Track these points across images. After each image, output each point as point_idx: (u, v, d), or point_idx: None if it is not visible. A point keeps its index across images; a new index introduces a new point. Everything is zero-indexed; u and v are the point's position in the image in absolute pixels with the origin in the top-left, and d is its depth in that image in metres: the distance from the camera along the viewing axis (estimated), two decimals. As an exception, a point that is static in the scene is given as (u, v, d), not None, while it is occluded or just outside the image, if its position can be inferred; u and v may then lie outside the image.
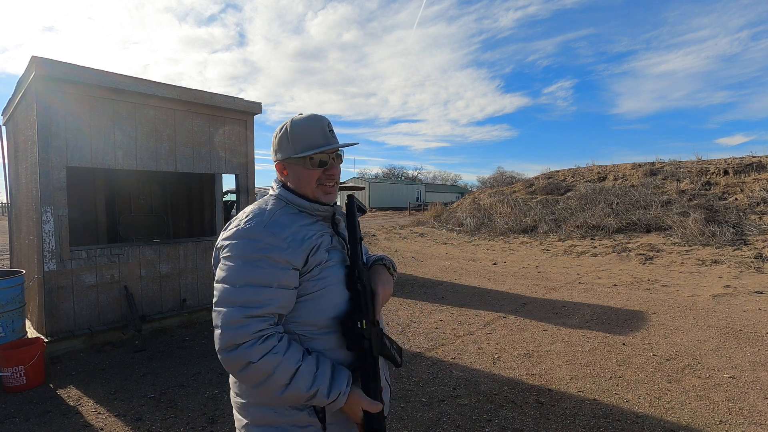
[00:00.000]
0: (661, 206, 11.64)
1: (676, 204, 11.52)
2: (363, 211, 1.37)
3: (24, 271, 4.22)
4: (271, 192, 1.28)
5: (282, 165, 1.25)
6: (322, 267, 1.14)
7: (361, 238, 1.27)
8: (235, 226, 1.13)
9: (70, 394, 3.34)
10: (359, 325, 1.12)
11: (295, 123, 1.22)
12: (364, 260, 1.29)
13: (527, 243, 11.96)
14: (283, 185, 1.26)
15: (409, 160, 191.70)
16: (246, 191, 5.68)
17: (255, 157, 5.84)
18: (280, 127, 1.25)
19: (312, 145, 1.18)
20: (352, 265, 1.20)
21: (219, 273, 1.11)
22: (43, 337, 4.03)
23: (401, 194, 49.69)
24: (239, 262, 1.07)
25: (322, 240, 1.17)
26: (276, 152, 1.26)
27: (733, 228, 9.65)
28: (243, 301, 1.05)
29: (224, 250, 1.12)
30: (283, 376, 1.04)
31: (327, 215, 1.22)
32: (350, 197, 1.28)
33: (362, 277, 1.18)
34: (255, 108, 5.65)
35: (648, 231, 10.77)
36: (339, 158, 1.25)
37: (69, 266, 4.25)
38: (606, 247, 10.17)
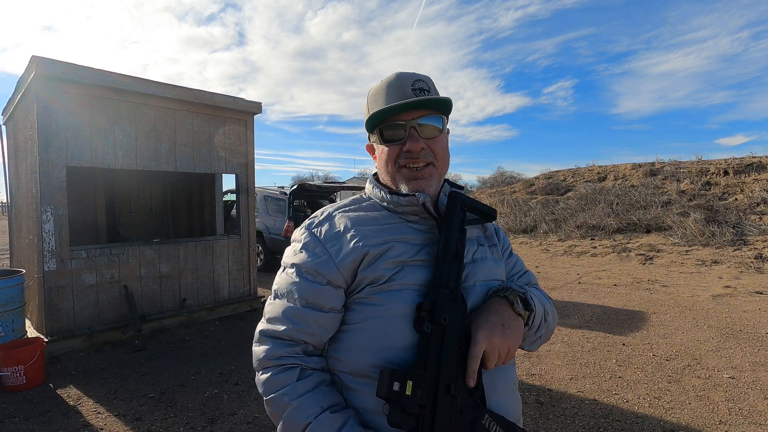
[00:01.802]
0: (661, 206, 11.64)
1: (676, 204, 11.51)
2: (488, 216, 0.95)
3: (24, 271, 4.22)
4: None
5: (369, 147, 0.98)
6: (376, 288, 0.81)
7: (458, 254, 0.83)
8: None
9: (70, 394, 3.34)
10: (396, 388, 0.70)
11: (374, 86, 0.92)
12: (468, 288, 0.87)
13: (527, 243, 11.95)
14: (375, 173, 0.99)
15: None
16: (246, 191, 5.68)
17: (255, 157, 5.84)
18: None
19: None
20: (428, 293, 0.80)
21: None
22: (42, 337, 4.03)
23: (401, 194, 49.53)
24: (281, 268, 0.90)
25: (389, 247, 0.83)
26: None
27: (733, 228, 9.65)
28: (269, 316, 0.86)
29: None
30: (291, 428, 0.78)
31: (412, 210, 0.87)
32: (454, 194, 0.89)
33: (439, 312, 0.77)
34: (255, 108, 5.65)
35: (648, 231, 10.77)
36: (434, 128, 0.87)
37: (69, 266, 4.25)
38: (606, 247, 10.16)
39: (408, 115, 0.85)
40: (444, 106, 0.89)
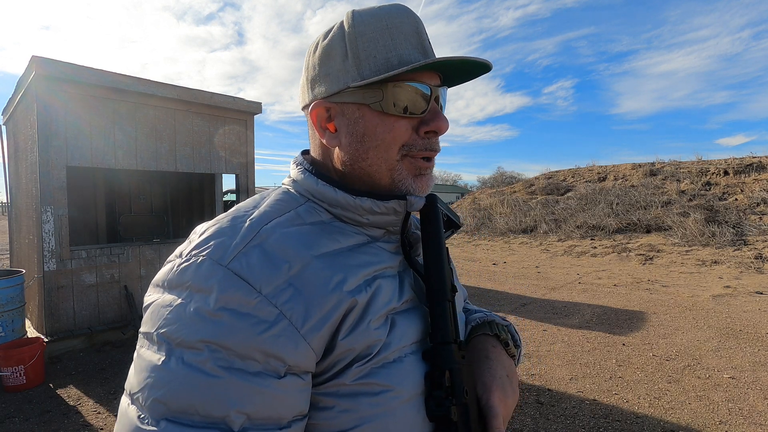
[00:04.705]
0: (661, 206, 11.64)
1: (676, 204, 11.52)
2: (457, 226, 0.67)
3: (24, 271, 4.22)
4: (285, 180, 0.62)
5: (323, 110, 0.58)
6: (368, 365, 0.49)
7: (452, 286, 0.58)
8: (172, 261, 0.50)
9: (70, 394, 3.34)
10: None
11: (362, 15, 0.55)
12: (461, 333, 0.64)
13: (527, 243, 11.96)
14: (311, 160, 0.63)
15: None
16: (246, 191, 5.69)
17: (255, 157, 5.85)
18: (325, 31, 0.58)
19: (400, 60, 0.54)
20: (432, 353, 0.52)
21: (131, 370, 0.48)
22: (42, 337, 4.03)
23: (401, 194, 49.60)
24: (156, 352, 0.45)
25: (376, 287, 0.52)
26: (313, 82, 0.58)
27: (733, 228, 9.65)
28: None
29: (144, 316, 0.50)
30: None
31: (385, 222, 0.58)
32: (433, 197, 0.61)
33: (459, 385, 0.51)
34: (255, 108, 5.65)
35: (648, 231, 10.77)
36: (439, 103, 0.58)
37: (69, 266, 4.25)
38: (606, 247, 10.17)
39: (429, 78, 0.55)
40: (467, 78, 0.61)
